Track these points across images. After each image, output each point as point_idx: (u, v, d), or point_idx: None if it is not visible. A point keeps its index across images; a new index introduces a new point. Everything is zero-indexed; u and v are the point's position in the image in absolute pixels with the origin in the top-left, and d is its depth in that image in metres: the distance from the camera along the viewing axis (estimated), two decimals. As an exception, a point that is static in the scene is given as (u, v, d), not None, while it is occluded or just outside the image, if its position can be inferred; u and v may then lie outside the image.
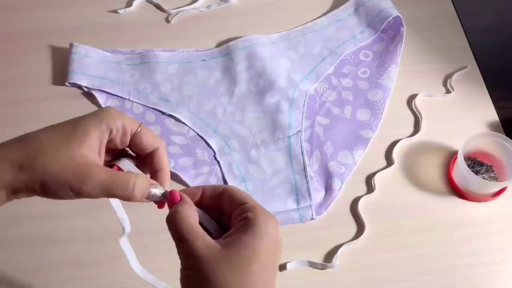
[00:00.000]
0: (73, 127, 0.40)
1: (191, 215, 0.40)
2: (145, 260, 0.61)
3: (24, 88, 0.74)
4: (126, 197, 0.41)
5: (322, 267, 0.60)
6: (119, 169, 0.44)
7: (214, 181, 0.66)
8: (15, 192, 0.39)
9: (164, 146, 0.45)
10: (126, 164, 0.44)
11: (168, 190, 0.43)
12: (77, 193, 0.39)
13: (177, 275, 0.39)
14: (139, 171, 0.44)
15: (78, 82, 0.72)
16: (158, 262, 0.60)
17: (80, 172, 0.39)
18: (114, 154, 0.45)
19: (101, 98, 0.72)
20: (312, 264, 0.61)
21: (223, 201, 0.42)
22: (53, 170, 0.38)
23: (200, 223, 0.41)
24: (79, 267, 0.61)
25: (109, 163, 0.44)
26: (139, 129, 0.43)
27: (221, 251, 0.37)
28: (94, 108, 0.72)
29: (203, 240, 0.38)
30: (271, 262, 0.39)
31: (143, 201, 0.42)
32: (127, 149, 0.45)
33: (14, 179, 0.38)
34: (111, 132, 0.42)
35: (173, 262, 0.40)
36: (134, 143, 0.44)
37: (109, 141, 0.42)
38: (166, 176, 0.45)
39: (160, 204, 0.44)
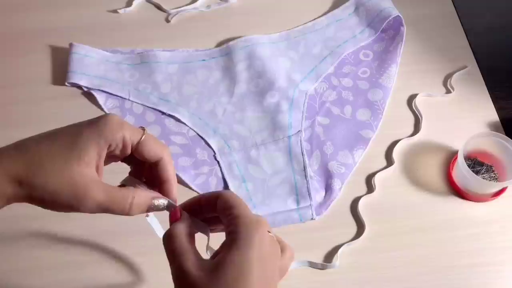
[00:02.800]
0: (71, 142, 0.40)
1: (185, 235, 0.40)
2: (143, 261, 0.61)
3: (24, 88, 0.73)
4: (124, 214, 0.41)
5: (322, 267, 0.60)
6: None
7: (214, 181, 0.66)
8: (11, 202, 0.40)
9: (169, 154, 0.44)
10: (134, 184, 0.44)
11: (174, 200, 0.44)
12: (75, 210, 0.40)
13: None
14: (141, 186, 0.44)
15: (78, 82, 0.72)
16: (155, 261, 0.60)
17: (79, 193, 0.39)
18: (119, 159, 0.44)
19: (101, 98, 0.72)
20: (312, 264, 0.61)
21: (218, 208, 0.41)
22: (52, 189, 0.39)
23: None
24: (78, 267, 0.61)
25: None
26: (142, 139, 0.42)
27: (209, 273, 0.37)
28: (94, 108, 0.72)
29: (192, 262, 0.38)
30: (263, 274, 0.38)
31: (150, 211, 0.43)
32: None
33: (14, 194, 0.39)
34: (110, 146, 0.41)
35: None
36: (136, 152, 0.43)
37: (109, 152, 0.42)
38: (171, 188, 0.44)
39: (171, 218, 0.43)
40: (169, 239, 0.40)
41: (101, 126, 0.40)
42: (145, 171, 0.45)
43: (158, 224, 0.53)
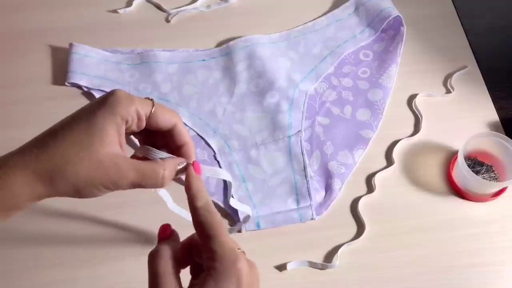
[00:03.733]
0: (87, 127, 0.39)
1: (170, 260, 0.39)
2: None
3: (24, 88, 0.73)
4: (156, 187, 0.42)
5: (322, 267, 0.60)
6: (145, 158, 0.44)
7: (214, 181, 0.66)
8: (44, 198, 0.40)
9: (181, 119, 0.45)
10: (151, 152, 0.44)
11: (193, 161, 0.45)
12: (111, 191, 0.41)
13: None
14: (163, 154, 0.44)
15: (78, 82, 0.72)
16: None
17: (111, 174, 0.40)
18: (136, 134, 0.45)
19: (101, 98, 0.72)
20: (312, 264, 0.61)
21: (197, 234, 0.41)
22: (85, 177, 0.39)
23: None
24: (78, 267, 0.61)
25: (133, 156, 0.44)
26: (153, 109, 0.42)
27: None
28: (94, 108, 0.72)
29: None
30: None
31: None
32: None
33: (47, 192, 0.39)
34: (126, 122, 0.41)
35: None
36: (150, 124, 0.43)
37: (126, 128, 0.42)
38: (191, 150, 0.45)
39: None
40: (153, 261, 0.39)
41: (113, 104, 0.40)
42: (158, 141, 0.45)
43: (168, 196, 0.53)
